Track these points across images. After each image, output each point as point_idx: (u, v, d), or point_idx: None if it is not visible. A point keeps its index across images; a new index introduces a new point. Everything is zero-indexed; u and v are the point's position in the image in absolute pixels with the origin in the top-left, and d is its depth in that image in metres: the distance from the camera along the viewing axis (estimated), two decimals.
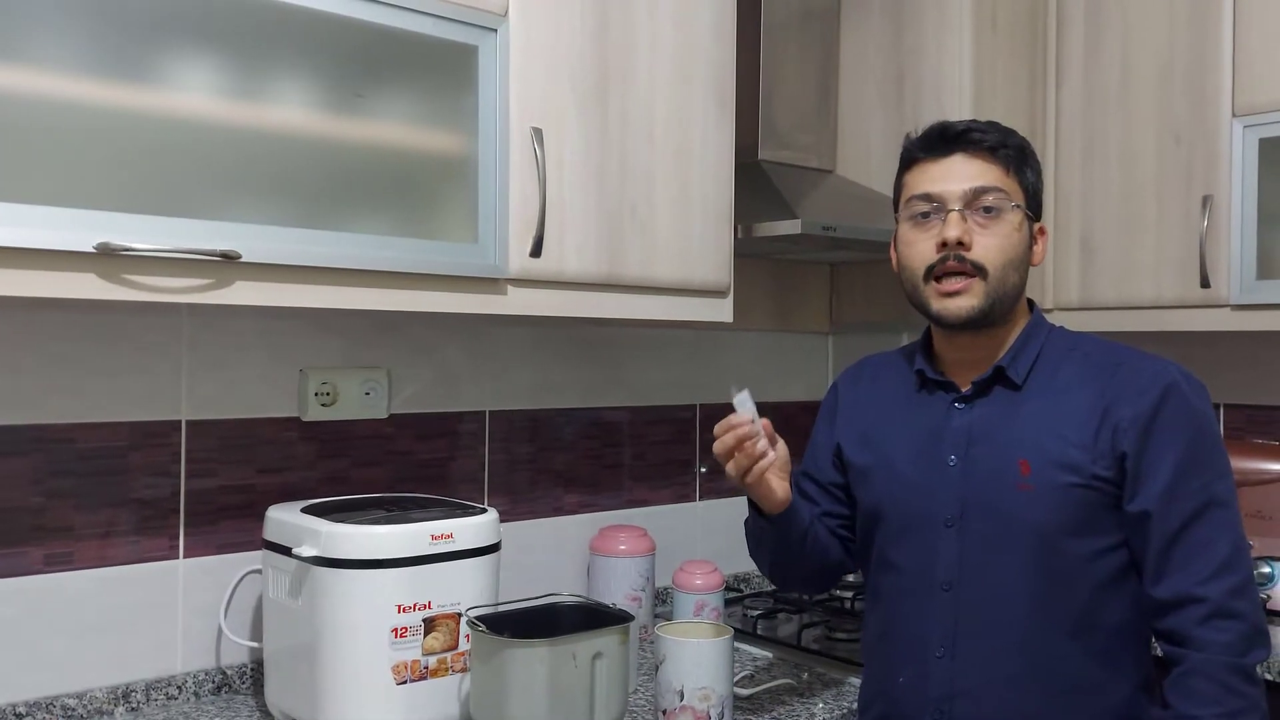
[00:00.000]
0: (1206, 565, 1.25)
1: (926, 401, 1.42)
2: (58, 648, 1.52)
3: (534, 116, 1.57)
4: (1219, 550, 1.25)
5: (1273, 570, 2.09)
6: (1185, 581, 1.25)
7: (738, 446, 1.35)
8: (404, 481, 1.87)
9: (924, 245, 1.35)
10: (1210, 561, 1.25)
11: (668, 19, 1.75)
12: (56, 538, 1.52)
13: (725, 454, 1.36)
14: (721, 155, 1.84)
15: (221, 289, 1.30)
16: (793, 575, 1.54)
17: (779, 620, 2.11)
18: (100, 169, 1.21)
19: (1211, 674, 1.22)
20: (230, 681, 1.65)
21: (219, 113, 1.29)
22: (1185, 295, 2.13)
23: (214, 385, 1.66)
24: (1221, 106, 2.08)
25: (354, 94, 1.40)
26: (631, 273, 1.71)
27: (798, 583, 1.61)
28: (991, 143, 1.34)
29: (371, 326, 1.83)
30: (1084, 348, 1.38)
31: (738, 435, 1.35)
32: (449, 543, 1.47)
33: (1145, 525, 1.27)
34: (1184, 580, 1.25)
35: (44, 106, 1.18)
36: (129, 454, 1.58)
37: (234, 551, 1.67)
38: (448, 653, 1.47)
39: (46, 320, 1.51)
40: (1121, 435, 1.28)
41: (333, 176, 1.39)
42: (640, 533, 2.01)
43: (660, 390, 2.26)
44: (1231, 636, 1.23)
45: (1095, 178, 2.28)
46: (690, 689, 1.50)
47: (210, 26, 1.29)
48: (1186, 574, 1.25)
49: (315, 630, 1.43)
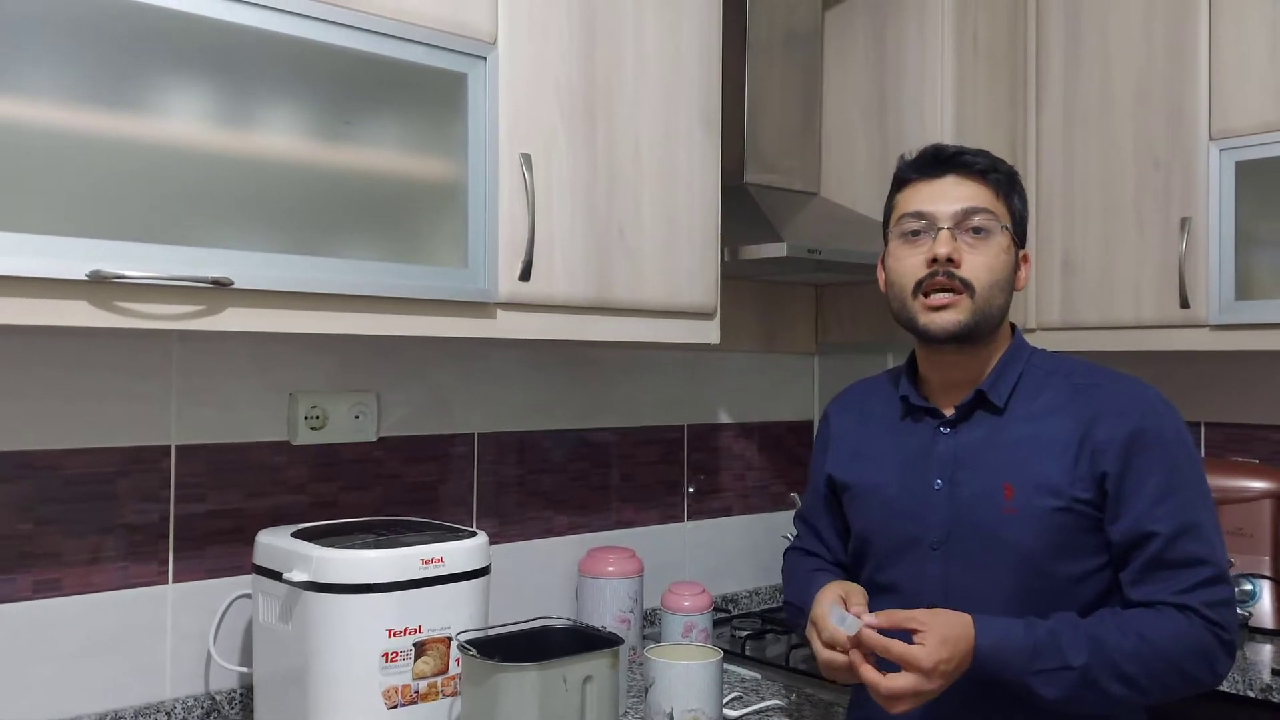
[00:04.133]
0: (1188, 580, 1.27)
1: (912, 427, 1.44)
2: (46, 674, 1.51)
3: (523, 142, 1.59)
4: (1201, 571, 1.27)
5: (1254, 587, 2.11)
6: (1165, 593, 1.28)
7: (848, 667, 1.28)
8: (393, 504, 1.87)
9: (913, 261, 1.37)
10: (1192, 579, 1.27)
11: (653, 44, 1.77)
12: (45, 564, 1.52)
13: (834, 667, 1.30)
14: (708, 178, 1.86)
15: (213, 315, 1.31)
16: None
17: (767, 641, 2.12)
18: (92, 197, 1.22)
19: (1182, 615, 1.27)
20: (219, 707, 1.65)
21: (210, 140, 1.30)
22: (1165, 315, 2.16)
23: (203, 410, 1.66)
24: (1198, 130, 2.12)
25: (344, 122, 1.41)
26: (620, 296, 1.72)
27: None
28: (983, 166, 1.38)
29: (361, 350, 1.83)
30: (1064, 370, 1.40)
31: (851, 663, 1.27)
32: (439, 566, 1.47)
33: (1127, 546, 1.29)
34: (1164, 592, 1.28)
35: (35, 135, 1.18)
36: (118, 479, 1.58)
37: (223, 576, 1.67)
38: (438, 677, 1.47)
39: (35, 346, 1.51)
40: (1100, 457, 1.30)
41: (324, 203, 1.39)
42: (629, 554, 2.01)
43: (648, 411, 2.27)
44: (1209, 623, 1.27)
45: (1075, 199, 2.31)
46: (680, 711, 1.50)
47: (201, 55, 1.29)
48: (1168, 586, 1.28)
49: (306, 655, 1.43)
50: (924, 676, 1.20)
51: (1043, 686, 1.24)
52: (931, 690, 1.22)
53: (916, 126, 2.22)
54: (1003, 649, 1.24)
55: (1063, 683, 1.24)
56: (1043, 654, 1.24)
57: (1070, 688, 1.24)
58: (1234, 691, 1.85)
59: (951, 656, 1.22)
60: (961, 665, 1.23)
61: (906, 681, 1.20)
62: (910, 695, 1.21)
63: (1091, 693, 1.24)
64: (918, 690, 1.21)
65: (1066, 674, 1.23)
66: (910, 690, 1.21)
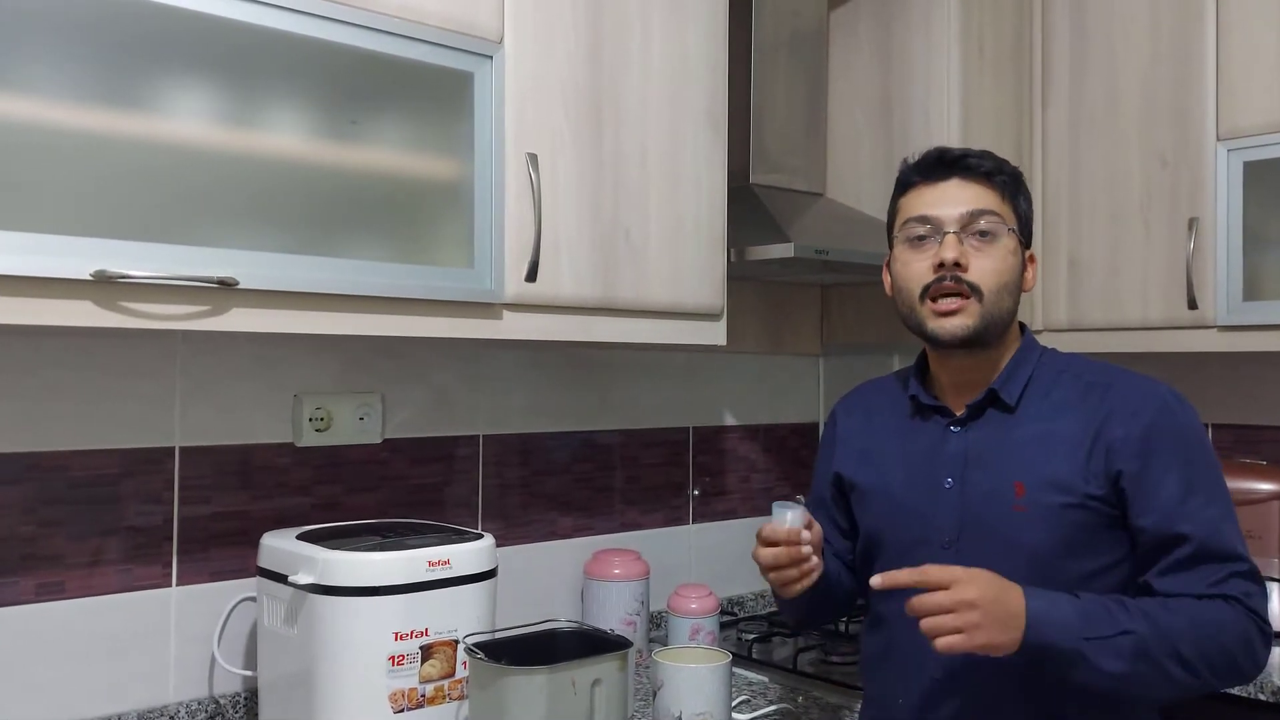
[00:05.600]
0: (1221, 573, 1.25)
1: (921, 427, 1.43)
2: (49, 677, 1.50)
3: (529, 142, 1.58)
4: (1234, 566, 1.26)
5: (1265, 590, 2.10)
6: (1200, 585, 1.25)
7: (789, 562, 1.30)
8: (398, 506, 1.86)
9: (920, 266, 1.36)
10: (1225, 572, 1.26)
11: (659, 44, 1.77)
12: (48, 566, 1.51)
13: (772, 567, 1.31)
14: (714, 179, 1.85)
15: (219, 315, 1.30)
16: (823, 619, 1.60)
17: (774, 644, 2.10)
18: (97, 196, 1.21)
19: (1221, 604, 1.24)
20: (223, 710, 1.63)
21: (216, 140, 1.29)
22: (1173, 316, 2.15)
23: (207, 411, 1.65)
24: (1206, 130, 2.11)
25: (350, 121, 1.40)
26: (625, 296, 1.71)
27: (826, 622, 1.65)
28: (988, 168, 1.37)
29: (365, 351, 1.82)
30: (1075, 369, 1.40)
31: (790, 555, 1.30)
32: (446, 569, 1.46)
33: (1155, 546, 1.28)
34: (1199, 585, 1.26)
35: (41, 134, 1.17)
36: (121, 481, 1.57)
37: (227, 579, 1.65)
38: (445, 680, 1.46)
39: (38, 347, 1.51)
40: (1114, 455, 1.29)
41: (329, 203, 1.39)
42: (634, 556, 2.00)
43: (653, 413, 2.26)
44: (1249, 611, 1.25)
45: (1082, 200, 2.30)
46: (689, 714, 1.49)
47: (206, 54, 1.29)
48: (1203, 579, 1.26)
49: (311, 658, 1.42)
50: (963, 586, 1.15)
51: (1099, 656, 1.17)
52: (974, 613, 1.14)
53: (922, 127, 2.21)
54: (1053, 613, 1.19)
55: (1121, 652, 1.18)
56: (1094, 620, 1.19)
57: (1129, 658, 1.18)
58: (1245, 695, 1.84)
59: (997, 595, 1.16)
60: (1009, 612, 1.17)
61: (940, 597, 1.15)
62: (948, 608, 1.14)
63: (1150, 670, 1.18)
64: (959, 601, 1.14)
65: (1123, 640, 1.18)
66: (950, 601, 1.14)
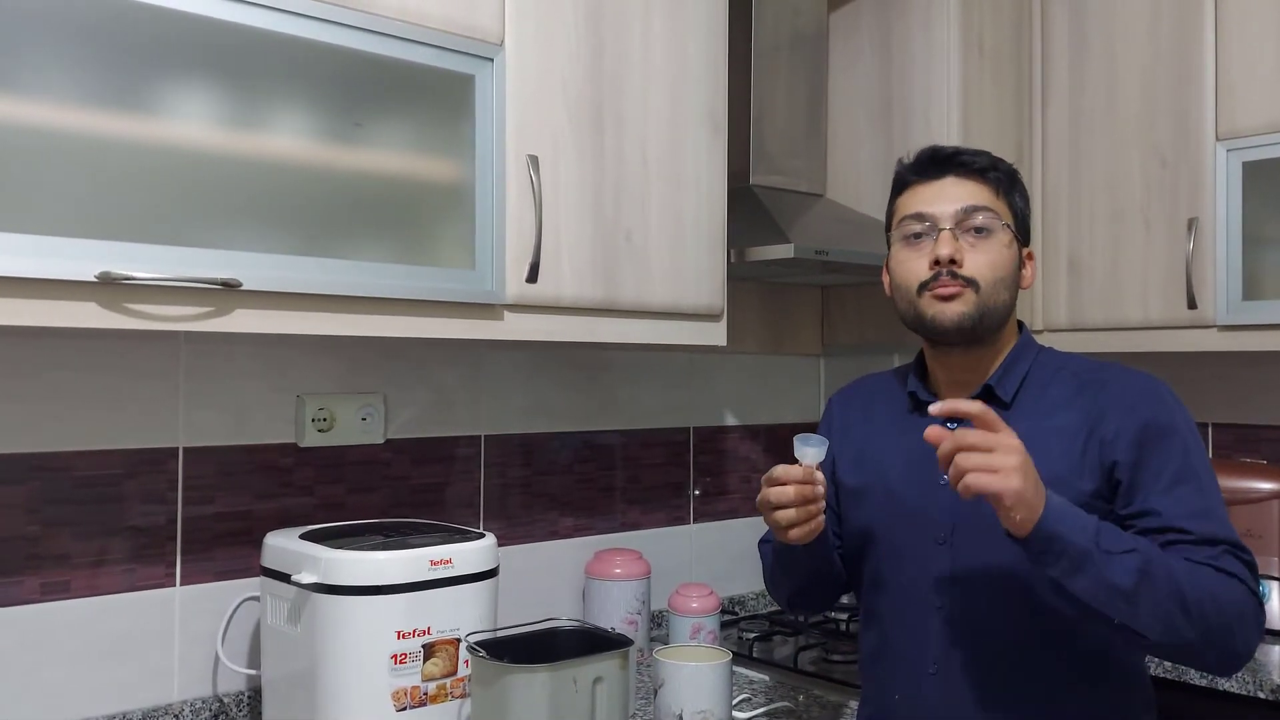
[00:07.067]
0: (1212, 551, 1.24)
1: (919, 423, 1.43)
2: (54, 677, 1.51)
3: (530, 144, 1.59)
4: (1224, 546, 1.26)
5: (1264, 589, 2.10)
6: (1197, 559, 1.24)
7: (799, 502, 1.27)
8: (400, 506, 1.87)
9: (917, 263, 1.37)
10: (1216, 550, 1.25)
11: (660, 46, 1.77)
12: (52, 566, 1.51)
13: (780, 505, 1.28)
14: (715, 180, 1.86)
15: (222, 317, 1.31)
16: (814, 598, 1.56)
17: (775, 643, 2.11)
18: (101, 198, 1.22)
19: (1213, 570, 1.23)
20: (227, 709, 1.64)
21: (219, 142, 1.30)
22: (1172, 316, 2.16)
23: (211, 412, 1.66)
24: (1205, 130, 2.12)
25: (353, 123, 1.41)
26: (626, 297, 1.72)
27: (817, 604, 1.62)
28: (982, 165, 1.38)
29: (368, 352, 1.83)
30: (1071, 367, 1.41)
31: (801, 494, 1.27)
32: (448, 568, 1.47)
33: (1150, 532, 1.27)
34: (1196, 558, 1.25)
35: (45, 137, 1.18)
36: (125, 481, 1.58)
37: (231, 578, 1.66)
38: (447, 678, 1.47)
39: (43, 348, 1.51)
40: (1109, 448, 1.30)
41: (332, 204, 1.40)
42: (635, 556, 2.01)
43: (654, 414, 2.27)
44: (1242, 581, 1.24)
45: (1082, 200, 2.31)
46: (690, 712, 1.50)
47: (210, 57, 1.30)
48: (1198, 555, 1.25)
49: (314, 657, 1.43)
50: (1009, 434, 1.14)
51: (1106, 565, 1.16)
52: (1015, 457, 1.12)
53: (922, 128, 2.22)
54: (1071, 511, 1.18)
55: (1127, 568, 1.16)
56: (1107, 533, 1.18)
57: (1135, 576, 1.16)
58: (1243, 692, 1.84)
59: (1032, 464, 1.15)
60: (1038, 484, 1.15)
61: (982, 434, 1.14)
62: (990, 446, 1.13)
63: (1150, 600, 1.16)
64: (1003, 442, 1.13)
65: (1130, 559, 1.16)
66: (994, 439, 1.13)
